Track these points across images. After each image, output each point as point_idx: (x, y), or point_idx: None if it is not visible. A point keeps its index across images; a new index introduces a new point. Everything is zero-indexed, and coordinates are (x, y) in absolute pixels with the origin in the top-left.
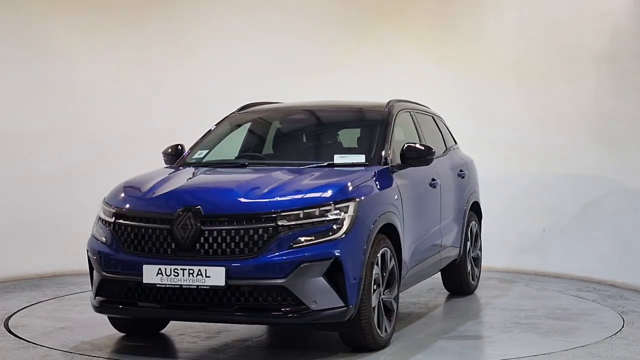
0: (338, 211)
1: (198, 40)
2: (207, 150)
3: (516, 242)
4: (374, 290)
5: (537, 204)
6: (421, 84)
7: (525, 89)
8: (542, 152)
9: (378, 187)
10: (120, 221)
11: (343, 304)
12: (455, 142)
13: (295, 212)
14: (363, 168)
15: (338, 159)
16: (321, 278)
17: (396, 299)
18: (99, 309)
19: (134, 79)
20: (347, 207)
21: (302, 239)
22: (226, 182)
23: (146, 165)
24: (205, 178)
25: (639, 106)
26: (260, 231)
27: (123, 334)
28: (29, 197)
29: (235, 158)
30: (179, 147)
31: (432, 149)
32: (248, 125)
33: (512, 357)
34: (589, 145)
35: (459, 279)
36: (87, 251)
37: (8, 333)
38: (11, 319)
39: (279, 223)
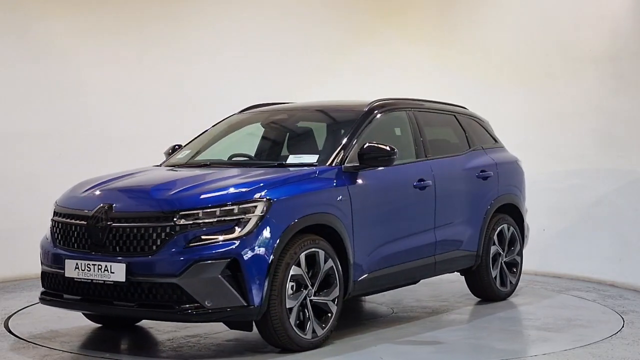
0: (243, 211)
1: (198, 40)
2: (190, 150)
3: None
4: (297, 291)
5: (537, 204)
6: (421, 84)
7: (525, 89)
8: (542, 152)
9: (311, 187)
10: (55, 218)
11: (244, 304)
12: (496, 141)
13: (194, 212)
14: (312, 168)
15: (292, 159)
16: (218, 277)
17: (336, 300)
18: (40, 300)
19: (134, 79)
20: (255, 207)
21: (200, 238)
22: (149, 181)
23: (146, 165)
24: (141, 178)
25: (639, 106)
26: (159, 230)
27: (124, 335)
28: (29, 197)
29: (229, 158)
30: (177, 147)
31: (393, 149)
32: (243, 126)
33: (512, 358)
34: (589, 145)
35: (482, 284)
36: None
37: (8, 333)
38: (11, 319)
39: (177, 222)
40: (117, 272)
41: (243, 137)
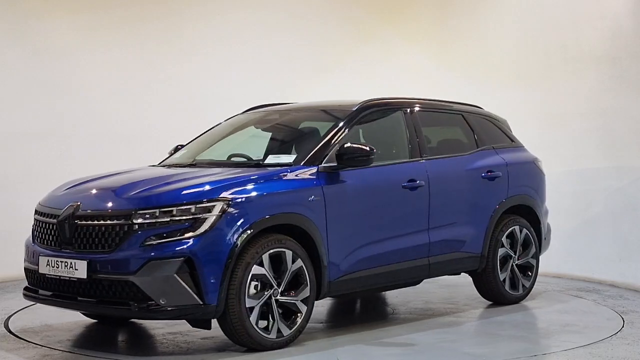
0: (200, 210)
1: (198, 40)
2: (186, 150)
3: None
4: (262, 290)
5: None
6: (421, 84)
7: (525, 88)
8: (542, 151)
9: (279, 187)
10: (35, 216)
11: (200, 302)
12: (513, 141)
13: (150, 211)
14: (284, 168)
15: (270, 158)
16: (173, 275)
17: (306, 300)
18: (23, 295)
19: (134, 79)
20: (213, 206)
21: (156, 236)
22: (121, 181)
23: (145, 165)
24: (117, 178)
25: (639, 106)
26: (118, 228)
27: (123, 333)
28: (29, 197)
29: (228, 158)
30: (179, 147)
31: (372, 149)
32: (241, 126)
33: (511, 358)
34: (589, 145)
35: (489, 287)
36: None
37: (8, 333)
38: (11, 319)
39: (134, 221)
40: (80, 269)
41: (241, 137)
